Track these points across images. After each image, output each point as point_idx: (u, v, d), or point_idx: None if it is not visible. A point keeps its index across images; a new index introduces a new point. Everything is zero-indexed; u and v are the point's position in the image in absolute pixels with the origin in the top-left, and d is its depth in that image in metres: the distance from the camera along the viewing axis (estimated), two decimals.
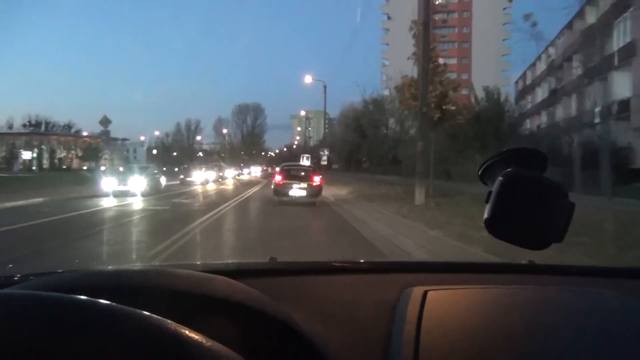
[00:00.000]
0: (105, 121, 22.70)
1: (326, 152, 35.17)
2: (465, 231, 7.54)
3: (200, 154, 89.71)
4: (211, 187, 27.77)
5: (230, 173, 44.29)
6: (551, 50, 32.92)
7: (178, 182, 29.54)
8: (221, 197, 18.72)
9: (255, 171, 71.39)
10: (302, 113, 69.85)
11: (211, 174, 34.05)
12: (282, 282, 1.14)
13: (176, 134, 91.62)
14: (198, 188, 25.78)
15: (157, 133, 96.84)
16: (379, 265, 1.40)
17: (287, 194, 14.48)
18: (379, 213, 11.72)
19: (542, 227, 0.78)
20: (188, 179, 30.49)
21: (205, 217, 10.98)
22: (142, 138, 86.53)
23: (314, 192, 14.64)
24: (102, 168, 39.58)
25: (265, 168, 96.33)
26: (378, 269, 1.32)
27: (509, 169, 0.81)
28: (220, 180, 36.19)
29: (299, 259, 1.35)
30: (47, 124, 66.81)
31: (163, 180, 24.27)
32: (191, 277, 0.82)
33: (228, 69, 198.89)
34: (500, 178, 0.79)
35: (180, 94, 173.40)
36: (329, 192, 18.41)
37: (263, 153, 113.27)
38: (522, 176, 0.79)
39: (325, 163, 34.66)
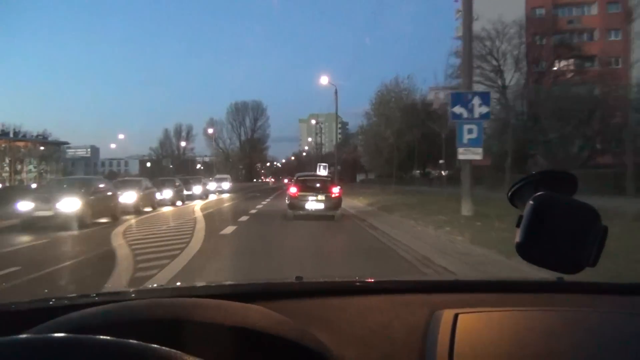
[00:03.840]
0: None
1: None
2: None
3: (200, 166, 78.80)
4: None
5: (129, 196, 16.33)
6: None
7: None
8: None
9: (216, 187, 35.18)
10: (324, 80, 33.80)
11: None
12: (309, 303, 1.12)
13: (164, 142, 78.78)
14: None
15: (121, 137, 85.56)
16: (407, 285, 1.39)
17: (303, 207, 13.48)
18: None
19: (575, 250, 0.76)
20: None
21: None
22: (113, 146, 75.99)
23: (333, 204, 13.64)
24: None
25: (264, 179, 76.07)
26: (407, 289, 1.30)
27: (539, 192, 0.80)
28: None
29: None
30: (15, 132, 56.99)
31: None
32: (226, 308, 0.86)
33: (226, 74, 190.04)
34: (531, 202, 0.78)
35: (169, 99, 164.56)
36: None
37: (268, 164, 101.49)
38: (553, 199, 0.78)
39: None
